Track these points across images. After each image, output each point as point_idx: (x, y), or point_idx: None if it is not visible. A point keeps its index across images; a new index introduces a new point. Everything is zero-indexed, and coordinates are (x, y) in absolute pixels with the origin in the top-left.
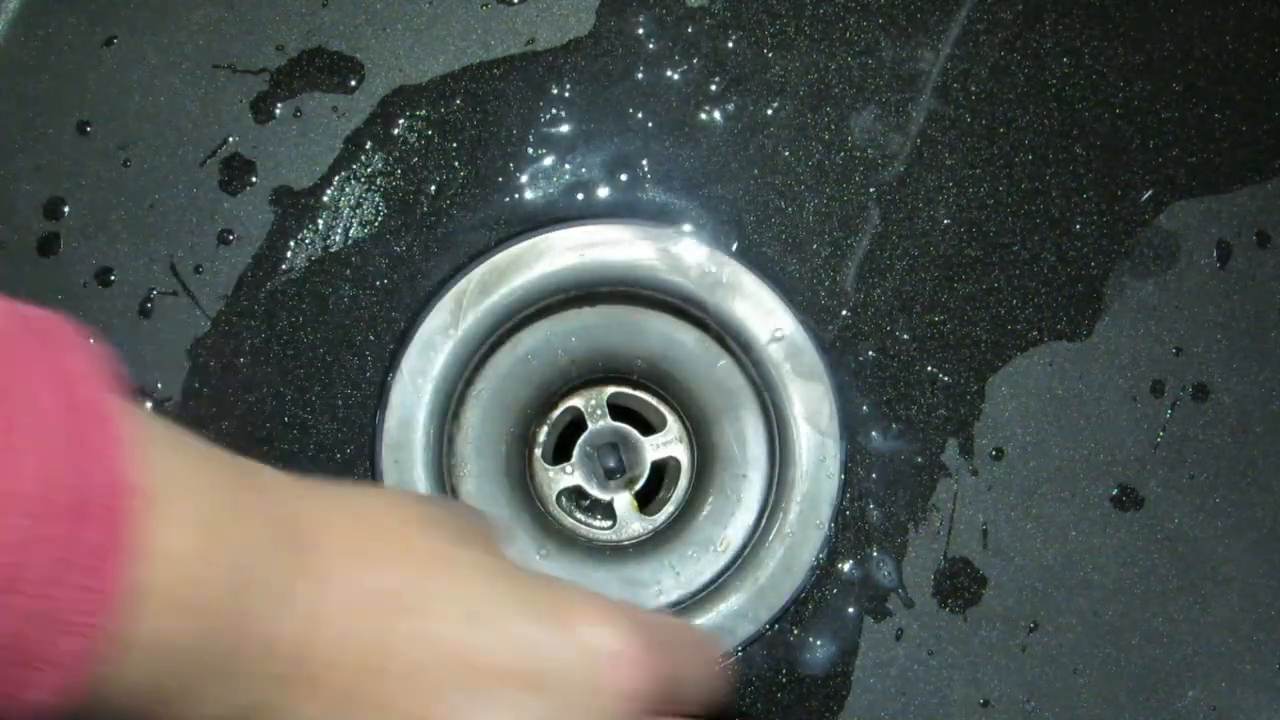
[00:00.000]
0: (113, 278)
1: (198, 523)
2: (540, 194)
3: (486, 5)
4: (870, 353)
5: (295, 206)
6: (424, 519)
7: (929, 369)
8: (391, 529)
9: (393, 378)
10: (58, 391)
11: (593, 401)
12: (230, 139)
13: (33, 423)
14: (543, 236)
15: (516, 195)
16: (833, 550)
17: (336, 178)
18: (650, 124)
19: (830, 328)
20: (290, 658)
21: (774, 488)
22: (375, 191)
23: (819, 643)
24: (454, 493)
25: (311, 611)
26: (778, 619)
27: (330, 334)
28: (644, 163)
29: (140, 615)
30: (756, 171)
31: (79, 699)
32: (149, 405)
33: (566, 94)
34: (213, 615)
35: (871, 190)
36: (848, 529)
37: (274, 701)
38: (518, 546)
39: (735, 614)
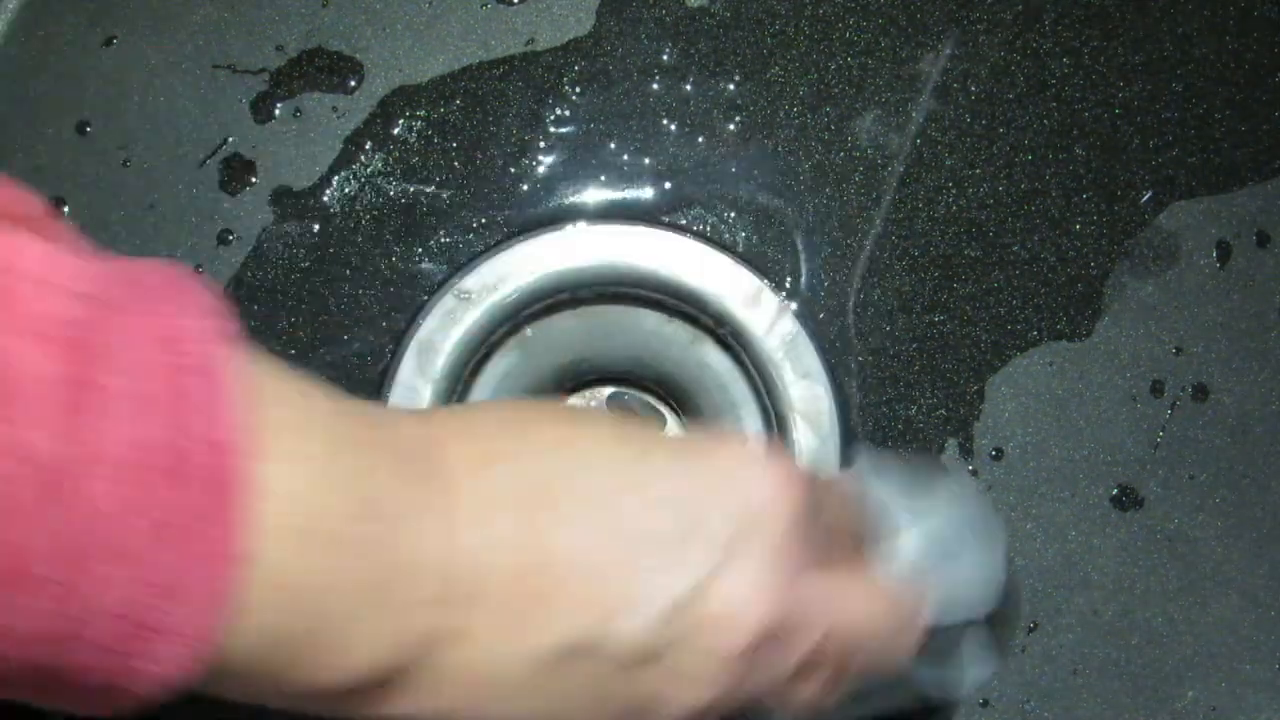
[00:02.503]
0: None
1: (312, 457)
2: (539, 194)
3: (486, 5)
4: (870, 353)
5: (295, 206)
6: (540, 410)
7: (929, 369)
8: (508, 424)
9: (392, 378)
10: (163, 350)
11: (592, 402)
12: (230, 139)
13: (132, 383)
14: (542, 237)
15: (516, 195)
16: None
17: (336, 178)
18: (650, 124)
19: (830, 328)
20: (440, 578)
21: None
22: (375, 191)
23: None
24: None
25: (448, 527)
26: None
27: (330, 334)
28: (643, 163)
29: (263, 553)
30: (756, 171)
31: (210, 656)
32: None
33: (566, 94)
34: (342, 547)
35: (871, 190)
36: None
37: (439, 627)
38: None
39: None
